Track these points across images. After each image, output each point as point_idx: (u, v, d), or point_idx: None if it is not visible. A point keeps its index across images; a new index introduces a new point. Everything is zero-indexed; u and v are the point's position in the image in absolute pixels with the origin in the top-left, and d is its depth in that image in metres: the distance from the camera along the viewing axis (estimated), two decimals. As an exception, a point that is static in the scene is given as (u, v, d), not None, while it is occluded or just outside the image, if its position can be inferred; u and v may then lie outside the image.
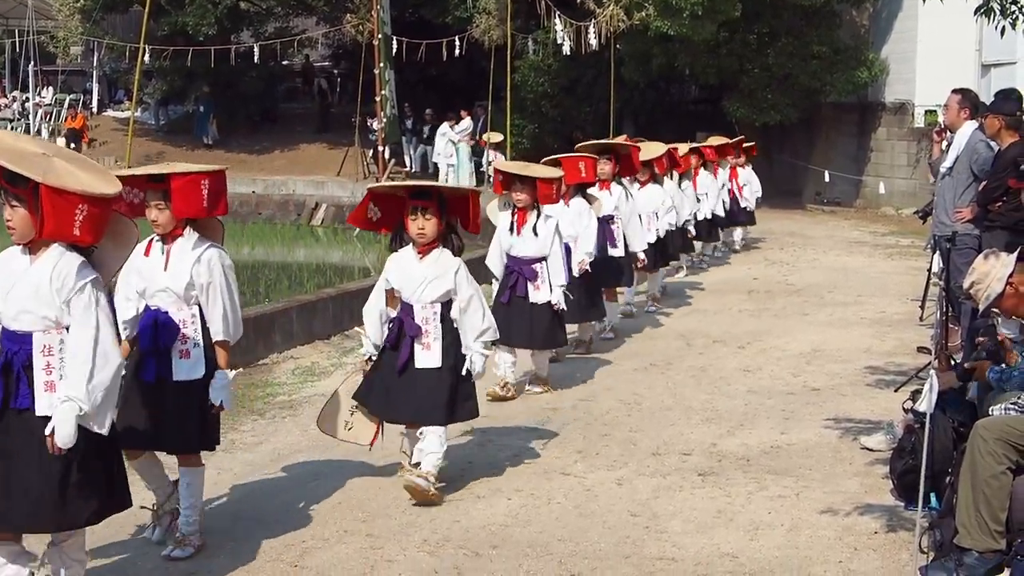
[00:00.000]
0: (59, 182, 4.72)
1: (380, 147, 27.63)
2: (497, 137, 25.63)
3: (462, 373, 6.71)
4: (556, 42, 25.64)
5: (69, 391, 4.75)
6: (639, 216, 12.13)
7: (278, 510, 6.57)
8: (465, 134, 28.98)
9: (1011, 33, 7.14)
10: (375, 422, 6.90)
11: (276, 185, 29.13)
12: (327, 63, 40.19)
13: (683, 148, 15.39)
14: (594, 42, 24.58)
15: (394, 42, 27.92)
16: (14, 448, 4.81)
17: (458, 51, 27.74)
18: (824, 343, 11.30)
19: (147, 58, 27.43)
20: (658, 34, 23.91)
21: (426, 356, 6.67)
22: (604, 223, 10.85)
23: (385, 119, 27.16)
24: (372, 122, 28.70)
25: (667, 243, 13.60)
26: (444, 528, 6.28)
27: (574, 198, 10.17)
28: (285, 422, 8.63)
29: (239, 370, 6.02)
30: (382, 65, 26.92)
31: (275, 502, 6.70)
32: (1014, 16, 7.01)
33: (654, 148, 13.56)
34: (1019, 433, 5.31)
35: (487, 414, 8.30)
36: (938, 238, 9.52)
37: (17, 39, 35.36)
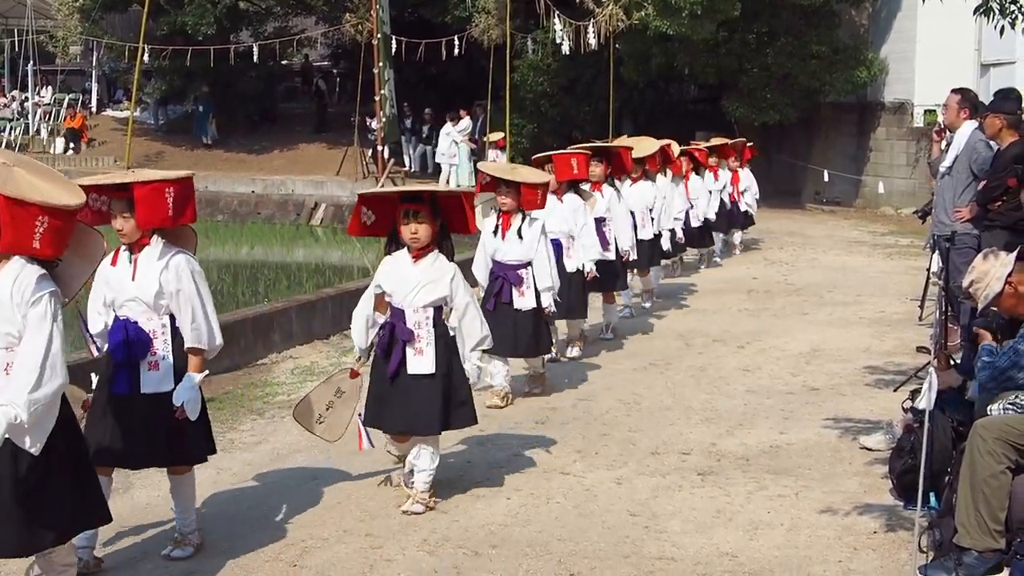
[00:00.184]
0: (17, 192, 4.52)
1: (379, 147, 27.62)
2: (495, 136, 25.61)
3: (457, 379, 6.57)
4: (555, 41, 25.61)
5: (9, 396, 4.50)
6: (631, 213, 12.07)
7: (277, 510, 6.57)
8: (464, 134, 28.96)
9: (1010, 33, 7.14)
10: (346, 421, 6.80)
11: (275, 185, 29.10)
12: (326, 63, 40.18)
13: (675, 150, 15.06)
14: (593, 41, 24.56)
15: (393, 41, 27.89)
16: None
17: (457, 51, 27.71)
18: (823, 343, 11.30)
19: (146, 58, 27.46)
20: (657, 34, 23.90)
21: (419, 362, 6.49)
22: (597, 225, 10.58)
23: (384, 119, 27.14)
24: (371, 122, 28.70)
25: (661, 241, 13.42)
26: (443, 528, 6.28)
27: (567, 194, 10.01)
28: (284, 422, 8.62)
29: (206, 373, 5.78)
30: (381, 64, 26.90)
31: (274, 502, 6.70)
32: (1013, 16, 7.02)
33: (647, 145, 13.41)
34: (1018, 432, 5.32)
35: (485, 414, 8.32)
36: (937, 238, 9.52)
37: (16, 38, 35.33)
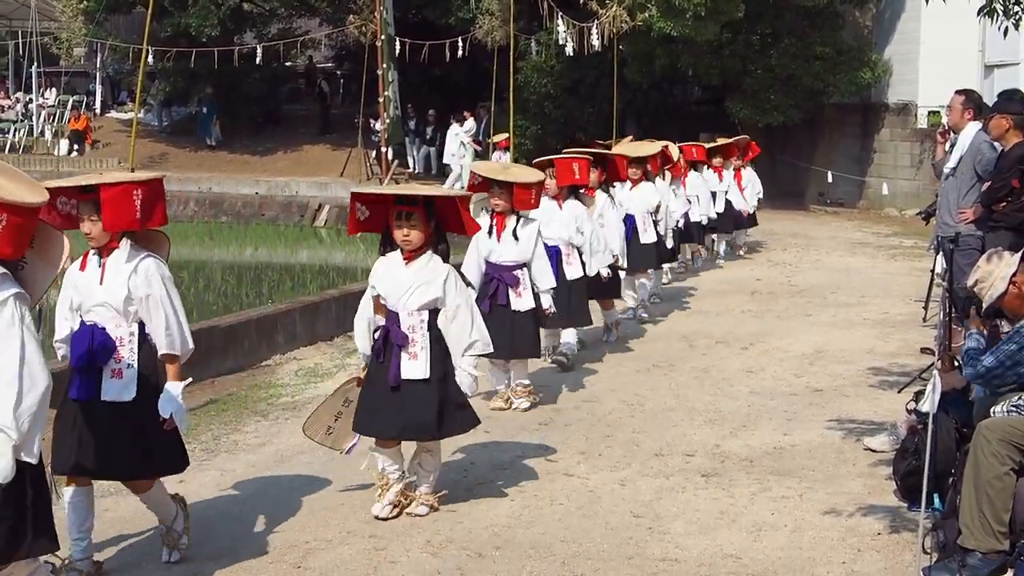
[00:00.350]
0: None
1: (383, 148, 27.64)
2: (499, 137, 25.61)
3: (453, 384, 6.40)
4: (559, 43, 25.63)
5: None
6: (631, 216, 12.03)
7: (281, 511, 6.57)
8: (468, 135, 28.98)
9: (1014, 34, 7.14)
10: (352, 436, 6.71)
11: (279, 186, 29.13)
12: (330, 64, 40.20)
13: (674, 152, 14.80)
14: (597, 43, 24.56)
15: (397, 43, 27.93)
16: None
17: (461, 52, 27.73)
18: (827, 344, 11.29)
19: (150, 59, 27.47)
20: (661, 35, 23.90)
21: (413, 366, 6.32)
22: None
23: (388, 120, 27.17)
24: (375, 123, 28.72)
25: (662, 245, 13.07)
26: (447, 529, 6.28)
27: (568, 200, 9.88)
28: (288, 423, 8.63)
29: (189, 380, 5.69)
30: (385, 66, 26.93)
31: (278, 503, 6.71)
32: (1017, 17, 7.02)
33: (647, 147, 13.22)
34: (1022, 434, 5.31)
35: (488, 416, 8.33)
36: (941, 239, 9.51)
37: (20, 40, 35.43)
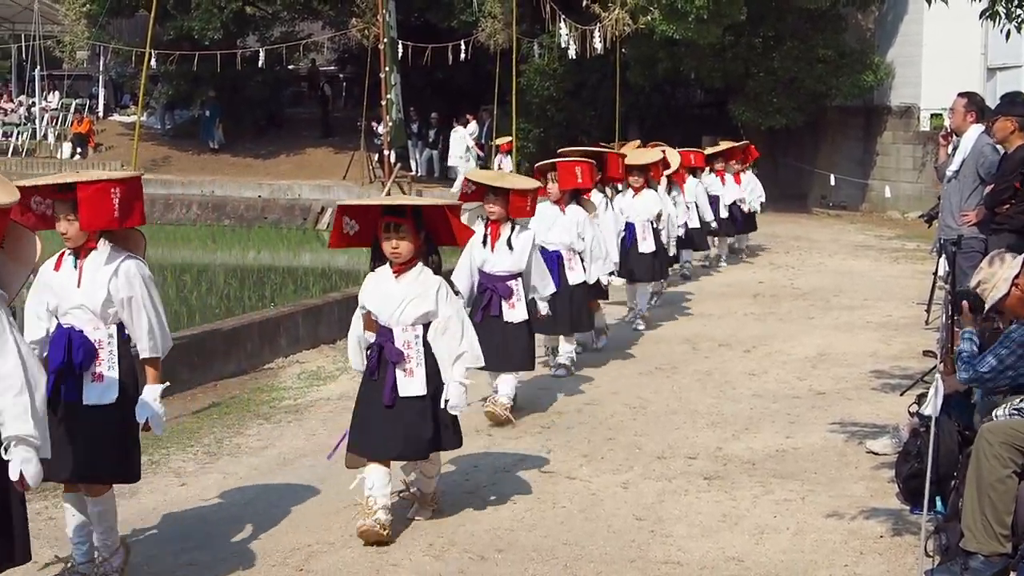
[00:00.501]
0: None
1: (386, 151, 27.65)
2: (501, 140, 25.63)
3: (439, 401, 6.16)
4: (561, 46, 25.66)
5: (16, 431, 4.38)
6: (631, 225, 11.95)
7: (283, 514, 6.57)
8: (471, 138, 29.03)
9: (1016, 36, 7.14)
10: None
11: (282, 189, 29.16)
12: (333, 67, 40.24)
13: (674, 160, 14.40)
14: (599, 46, 24.59)
15: (400, 46, 27.95)
16: None
17: (464, 55, 27.77)
18: (830, 347, 11.29)
19: (153, 62, 27.53)
20: (663, 38, 23.93)
21: (409, 383, 6.12)
22: None
23: (391, 123, 27.17)
24: (378, 126, 28.73)
25: (662, 255, 12.64)
26: (449, 532, 6.28)
27: (570, 205, 9.74)
28: (290, 426, 8.63)
29: (167, 384, 5.59)
30: (388, 69, 26.92)
31: (280, 506, 6.71)
32: (1019, 19, 7.01)
33: (650, 154, 13.01)
34: (1024, 436, 5.31)
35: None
36: (944, 242, 9.49)
37: (23, 44, 35.47)
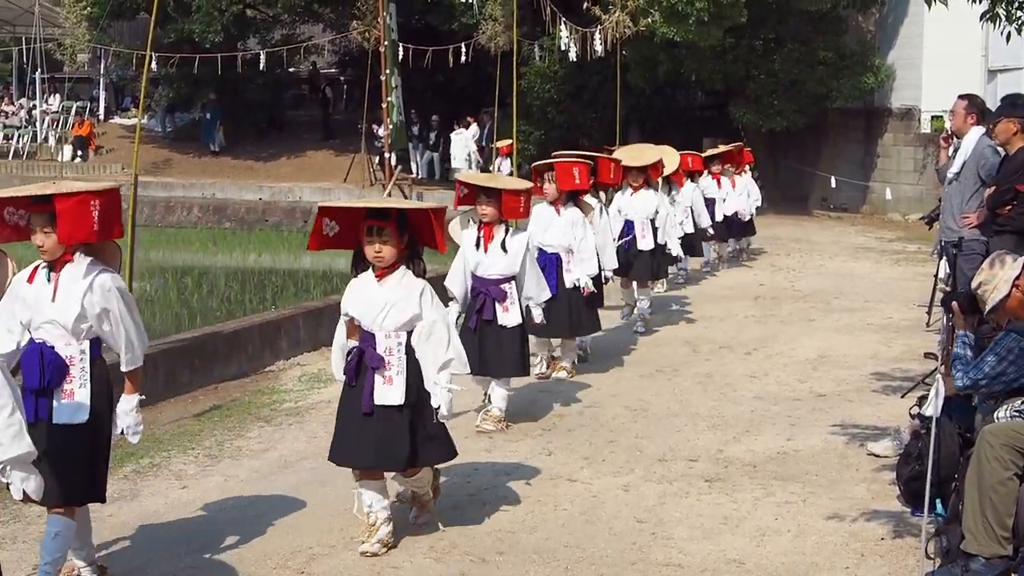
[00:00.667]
0: None
1: (386, 154, 27.66)
2: (501, 143, 25.63)
3: (429, 410, 6.00)
4: (562, 48, 25.65)
5: (12, 453, 4.36)
6: (631, 223, 11.93)
7: (284, 517, 6.57)
8: (473, 141, 29.08)
9: (1016, 39, 7.14)
10: None
11: (283, 192, 29.16)
12: (334, 70, 40.26)
13: (672, 161, 14.21)
14: (600, 48, 24.58)
15: (400, 48, 27.95)
16: None
17: (464, 57, 27.76)
18: (831, 349, 11.29)
19: (154, 65, 27.57)
20: (664, 40, 23.93)
21: (387, 391, 5.95)
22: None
23: (392, 126, 27.18)
24: (379, 129, 28.74)
25: (660, 254, 12.54)
26: (450, 535, 6.28)
27: (567, 206, 9.66)
28: (291, 429, 8.63)
29: (143, 397, 5.51)
30: (388, 71, 26.92)
31: (281, 509, 6.71)
32: (1019, 22, 7.01)
33: (649, 154, 12.90)
34: (1026, 439, 5.31)
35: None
36: (945, 244, 9.52)
37: (24, 47, 35.49)
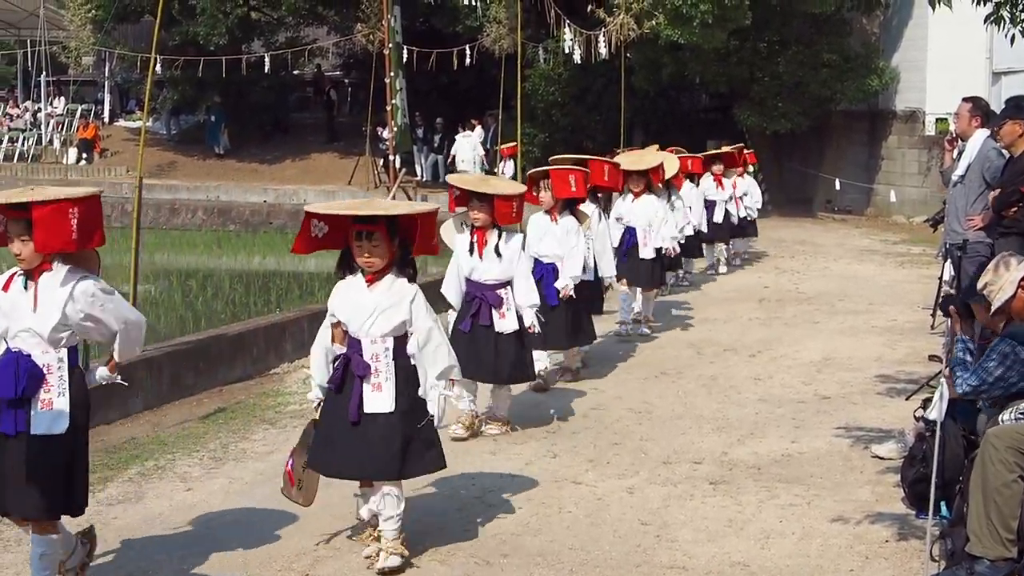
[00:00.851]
0: None
1: (391, 156, 27.68)
2: (505, 145, 25.64)
3: (420, 418, 5.85)
4: (566, 51, 25.66)
5: None
6: (632, 229, 11.85)
7: (289, 519, 6.57)
8: (479, 143, 29.13)
9: (1021, 41, 7.13)
10: (317, 480, 6.18)
11: (287, 195, 29.17)
12: (338, 72, 40.28)
13: (672, 166, 13.99)
14: (604, 51, 24.60)
15: (405, 51, 27.97)
16: None
17: (469, 60, 27.79)
18: (835, 352, 11.28)
19: (158, 68, 27.55)
20: (668, 42, 23.92)
21: (376, 399, 5.80)
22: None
23: (396, 128, 27.19)
24: (383, 131, 28.76)
25: (659, 261, 12.38)
26: (455, 537, 6.28)
27: (563, 214, 9.49)
28: (296, 431, 8.58)
29: (117, 376, 5.46)
30: (393, 74, 26.93)
31: (286, 511, 6.70)
32: (1024, 24, 7.00)
33: (650, 158, 12.85)
34: (1030, 441, 5.30)
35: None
36: (949, 246, 9.51)
37: (29, 50, 35.56)
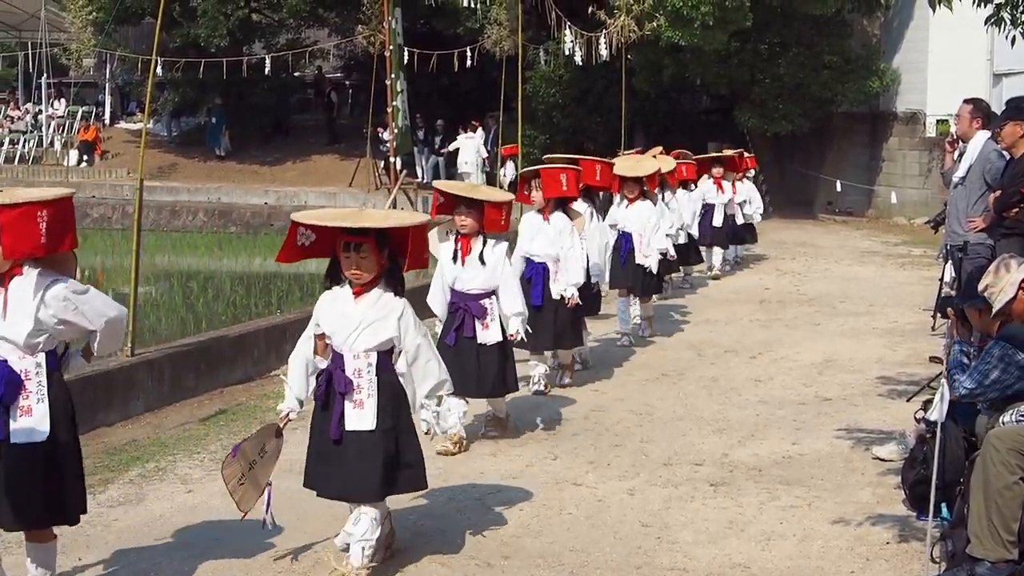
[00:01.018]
0: None
1: (392, 158, 27.68)
2: (506, 147, 25.65)
3: (404, 436, 5.73)
4: (567, 53, 25.67)
5: None
6: (628, 235, 11.70)
7: (290, 521, 6.57)
8: (482, 145, 29.17)
9: (1022, 42, 7.14)
10: (261, 487, 6.03)
11: (288, 196, 29.17)
12: (339, 74, 40.29)
13: (668, 165, 14.02)
14: (605, 52, 24.60)
15: (406, 53, 27.98)
16: None
17: (469, 62, 27.81)
18: (836, 353, 11.28)
19: (159, 70, 27.56)
20: (669, 44, 23.94)
21: (358, 416, 5.64)
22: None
23: (397, 130, 27.19)
24: (384, 133, 28.76)
25: (658, 265, 12.13)
26: (455, 539, 6.29)
27: (554, 214, 9.36)
28: (296, 433, 8.57)
29: (88, 363, 5.41)
30: (394, 76, 26.93)
31: (287, 513, 6.70)
32: (1024, 26, 7.01)
33: (644, 165, 12.69)
34: (1032, 443, 5.30)
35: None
36: (950, 247, 9.52)
37: (30, 51, 35.57)
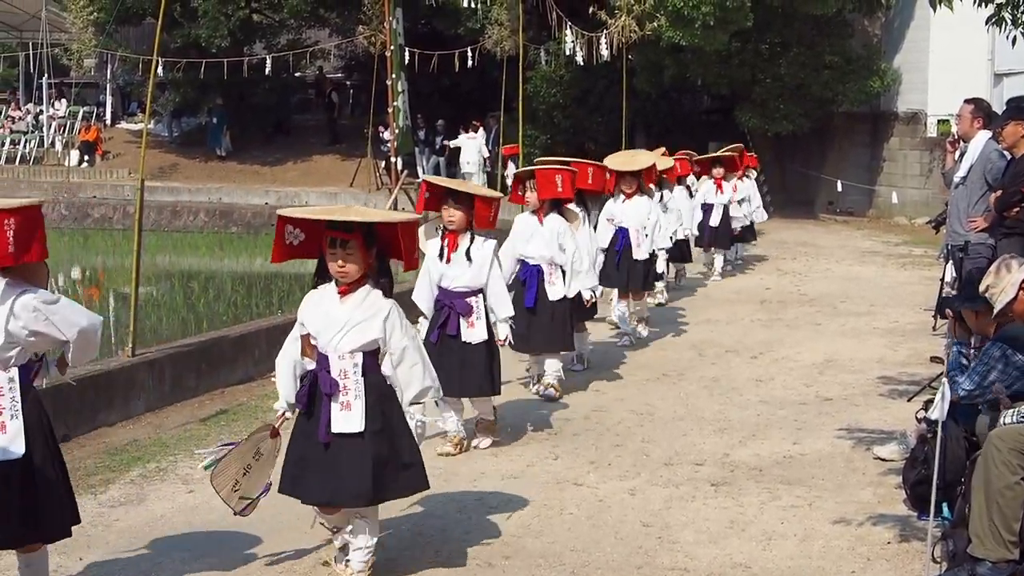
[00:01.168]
0: None
1: (392, 158, 27.68)
2: (507, 147, 25.65)
3: (395, 438, 5.56)
4: (568, 53, 25.68)
5: None
6: (625, 231, 11.60)
7: (291, 521, 6.56)
8: (484, 145, 29.20)
9: (1022, 42, 7.13)
10: (259, 490, 5.87)
11: (289, 197, 29.15)
12: (340, 75, 40.31)
13: (664, 163, 13.96)
14: (606, 53, 24.61)
15: (406, 53, 27.98)
16: None
17: (470, 62, 27.82)
18: (837, 353, 11.28)
19: (160, 70, 27.58)
20: (670, 44, 23.94)
21: (345, 419, 5.44)
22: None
23: (398, 130, 27.18)
24: (385, 133, 28.77)
25: (653, 264, 12.04)
26: (455, 539, 6.28)
27: (549, 215, 9.18)
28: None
29: (66, 377, 5.39)
30: (394, 76, 26.91)
31: (288, 513, 6.69)
32: (1025, 25, 7.00)
33: (641, 159, 12.57)
34: (1033, 443, 5.30)
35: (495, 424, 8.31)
36: (951, 247, 9.52)
37: (31, 52, 35.59)
